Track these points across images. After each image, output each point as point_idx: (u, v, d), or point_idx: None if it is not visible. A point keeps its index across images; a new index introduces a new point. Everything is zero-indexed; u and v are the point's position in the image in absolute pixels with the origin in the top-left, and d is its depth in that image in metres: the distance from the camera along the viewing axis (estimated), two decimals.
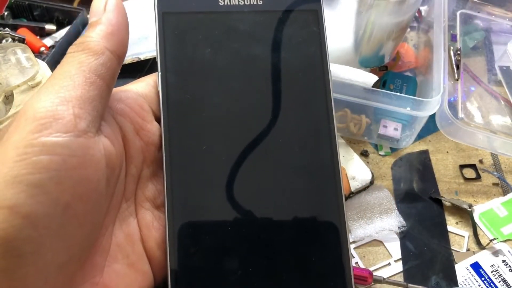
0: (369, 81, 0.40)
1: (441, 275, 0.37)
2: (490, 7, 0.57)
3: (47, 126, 0.19)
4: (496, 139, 0.42)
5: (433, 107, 0.40)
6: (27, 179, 0.18)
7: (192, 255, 0.22)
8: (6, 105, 0.34)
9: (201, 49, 0.24)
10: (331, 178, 0.23)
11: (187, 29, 0.24)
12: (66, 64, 0.22)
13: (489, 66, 0.51)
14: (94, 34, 0.22)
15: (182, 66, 0.24)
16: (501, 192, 0.43)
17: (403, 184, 0.43)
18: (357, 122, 0.44)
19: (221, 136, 0.23)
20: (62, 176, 0.19)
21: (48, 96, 0.20)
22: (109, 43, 0.22)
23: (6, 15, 0.49)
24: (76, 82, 0.21)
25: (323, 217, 0.23)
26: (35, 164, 0.18)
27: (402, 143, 0.45)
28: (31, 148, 0.18)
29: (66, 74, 0.21)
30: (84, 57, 0.22)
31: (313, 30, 0.24)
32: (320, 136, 0.23)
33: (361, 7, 0.40)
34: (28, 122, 0.19)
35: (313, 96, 0.24)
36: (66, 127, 0.19)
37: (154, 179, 0.25)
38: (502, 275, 0.37)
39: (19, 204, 0.17)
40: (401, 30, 0.44)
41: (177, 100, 0.23)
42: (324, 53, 0.24)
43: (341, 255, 0.22)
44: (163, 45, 0.24)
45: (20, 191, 0.18)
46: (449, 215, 0.41)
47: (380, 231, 0.39)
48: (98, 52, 0.22)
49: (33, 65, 0.35)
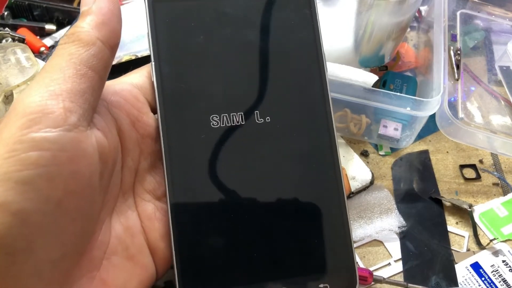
0: (369, 81, 0.40)
1: (441, 275, 0.37)
2: (490, 7, 0.56)
3: (36, 122, 0.19)
4: (496, 139, 0.41)
5: (433, 107, 0.40)
6: (16, 176, 0.18)
7: (197, 243, 0.22)
8: (6, 105, 0.34)
9: (193, 36, 0.24)
10: (330, 161, 0.23)
11: (178, 17, 0.24)
12: (57, 57, 0.21)
13: (489, 66, 0.51)
14: (84, 24, 0.22)
15: (175, 55, 0.24)
16: (501, 192, 0.43)
17: (403, 184, 0.43)
18: (357, 122, 0.44)
19: (219, 123, 0.23)
20: (52, 172, 0.19)
21: (38, 90, 0.20)
22: (100, 33, 0.22)
23: (6, 15, 0.49)
24: (66, 75, 0.20)
25: (325, 203, 0.23)
26: (24, 161, 0.18)
27: (402, 143, 0.45)
28: (20, 144, 0.18)
29: (56, 66, 0.20)
30: (75, 49, 0.21)
31: (305, 12, 0.24)
32: (316, 116, 0.24)
33: (361, 7, 0.40)
34: (18, 118, 0.19)
35: (308, 78, 0.24)
36: (56, 122, 0.19)
37: (153, 171, 0.25)
38: (502, 275, 0.37)
39: (8, 201, 0.17)
40: (401, 30, 0.44)
41: (172, 89, 0.23)
42: (317, 35, 0.24)
43: (344, 240, 0.23)
44: (155, 35, 0.24)
45: (9, 188, 0.17)
46: (449, 215, 0.41)
47: (380, 231, 0.39)
48: (89, 43, 0.21)
49: (33, 65, 0.35)
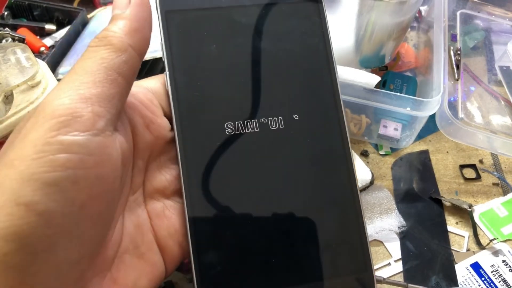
0: (371, 82, 0.40)
1: (441, 275, 0.37)
2: (490, 7, 0.57)
3: (65, 124, 0.19)
4: (496, 139, 0.41)
5: (433, 107, 0.40)
6: (43, 177, 0.18)
7: (215, 249, 0.22)
8: (6, 105, 0.34)
9: (206, 45, 0.24)
10: (344, 168, 0.23)
11: (190, 26, 0.24)
12: (88, 59, 0.21)
13: (489, 66, 0.51)
14: (117, 29, 0.21)
15: (189, 64, 0.24)
16: (501, 192, 0.43)
17: (403, 184, 0.43)
18: (357, 122, 0.44)
19: (234, 130, 0.23)
20: (79, 175, 0.19)
21: (67, 92, 0.19)
22: (132, 39, 0.21)
23: (6, 15, 0.49)
24: (97, 79, 0.20)
25: (341, 208, 0.23)
26: (52, 162, 0.18)
27: (402, 143, 0.45)
28: (49, 146, 0.18)
29: (87, 69, 0.20)
30: (107, 53, 0.21)
31: (315, 20, 0.25)
32: (329, 121, 0.24)
33: (362, 8, 0.40)
34: (46, 119, 0.19)
35: (320, 84, 0.24)
36: (85, 126, 0.19)
37: (163, 170, 0.25)
38: (502, 275, 0.37)
39: (35, 201, 0.17)
40: (402, 30, 0.44)
41: (187, 98, 0.23)
42: (327, 42, 0.25)
43: (361, 245, 0.23)
44: (168, 44, 0.24)
45: (37, 188, 0.18)
46: (449, 215, 0.41)
47: (380, 231, 0.39)
48: (121, 49, 0.21)
49: (33, 65, 0.34)
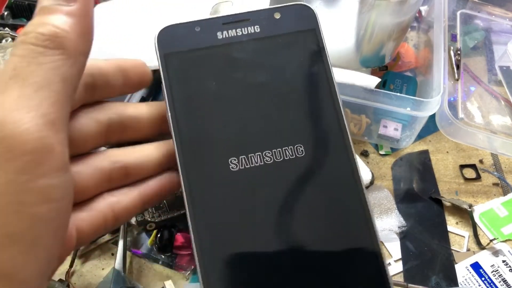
0: (371, 83, 0.40)
1: (441, 275, 0.37)
2: (490, 7, 0.57)
3: (38, 162, 0.15)
4: (496, 139, 0.42)
5: (433, 107, 0.40)
6: (25, 238, 0.15)
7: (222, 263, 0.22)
8: None
9: (206, 84, 0.24)
10: (355, 195, 0.23)
11: (190, 67, 0.24)
12: (35, 65, 0.16)
13: (489, 66, 0.51)
14: (67, 28, 0.16)
15: (190, 105, 0.24)
16: (501, 192, 0.43)
17: (403, 184, 0.43)
18: (357, 122, 0.44)
19: (238, 166, 0.23)
20: (57, 226, 0.16)
21: (29, 113, 0.15)
22: (85, 44, 0.17)
23: (6, 15, 0.49)
24: (58, 94, 0.16)
25: (354, 225, 0.23)
26: (34, 217, 0.15)
27: (402, 143, 0.45)
28: (25, 195, 0.15)
29: (44, 80, 0.16)
30: (61, 62, 0.16)
31: (314, 48, 0.25)
32: (335, 151, 0.24)
33: (362, 7, 0.40)
34: (12, 156, 0.14)
35: (323, 114, 0.24)
36: (57, 163, 0.15)
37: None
38: (502, 275, 0.37)
39: (16, 271, 0.15)
40: (402, 30, 0.44)
41: (191, 138, 0.23)
42: (328, 69, 0.25)
43: (376, 260, 0.24)
44: (169, 87, 0.24)
45: (20, 252, 0.15)
46: (449, 215, 0.41)
47: (380, 231, 0.39)
48: (75, 55, 0.17)
49: None
